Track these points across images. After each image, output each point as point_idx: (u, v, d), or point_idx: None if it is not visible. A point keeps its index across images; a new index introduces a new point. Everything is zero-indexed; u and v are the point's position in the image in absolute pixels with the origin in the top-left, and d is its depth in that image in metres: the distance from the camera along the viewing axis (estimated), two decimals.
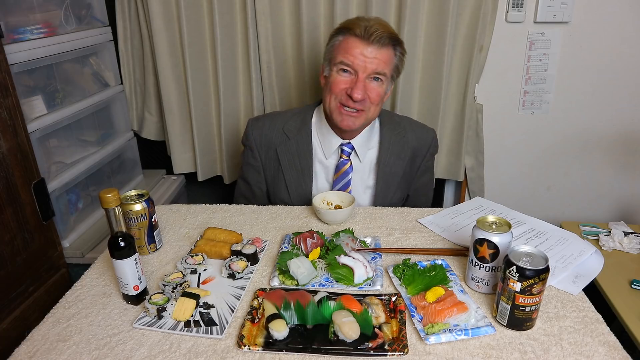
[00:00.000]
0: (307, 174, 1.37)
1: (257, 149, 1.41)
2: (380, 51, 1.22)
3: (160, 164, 2.18)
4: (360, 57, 1.22)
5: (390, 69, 1.26)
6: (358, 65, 1.22)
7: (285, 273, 0.99)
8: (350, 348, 0.80)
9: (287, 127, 1.39)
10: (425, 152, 1.45)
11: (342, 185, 1.38)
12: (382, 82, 1.27)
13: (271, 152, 1.39)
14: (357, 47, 1.22)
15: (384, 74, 1.25)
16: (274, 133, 1.39)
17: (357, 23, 1.23)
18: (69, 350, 0.82)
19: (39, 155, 1.38)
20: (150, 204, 1.08)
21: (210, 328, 0.85)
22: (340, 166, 1.38)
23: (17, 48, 1.33)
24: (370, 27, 1.20)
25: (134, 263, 0.91)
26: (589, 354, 0.79)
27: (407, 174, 1.43)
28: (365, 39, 1.21)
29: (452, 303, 0.87)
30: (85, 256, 1.53)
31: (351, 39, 1.23)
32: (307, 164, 1.37)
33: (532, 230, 1.17)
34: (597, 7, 1.73)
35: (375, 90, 1.26)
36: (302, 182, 1.38)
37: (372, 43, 1.20)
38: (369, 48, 1.21)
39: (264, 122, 1.42)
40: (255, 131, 1.40)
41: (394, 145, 1.39)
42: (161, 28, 1.77)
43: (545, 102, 1.90)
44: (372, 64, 1.22)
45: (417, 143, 1.43)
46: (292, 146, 1.38)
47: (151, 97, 1.97)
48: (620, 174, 1.98)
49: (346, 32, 1.24)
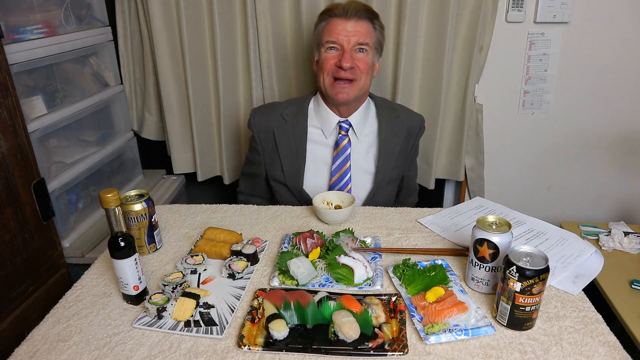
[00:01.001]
0: (301, 154, 1.46)
1: (257, 133, 1.51)
2: (359, 24, 1.35)
3: (160, 164, 2.18)
4: (343, 33, 1.35)
5: (372, 40, 1.39)
6: (342, 40, 1.35)
7: (285, 273, 0.99)
8: (350, 348, 0.80)
9: (285, 112, 1.50)
10: (417, 132, 1.56)
11: (342, 161, 1.44)
12: (367, 52, 1.38)
13: (269, 135, 1.50)
14: (338, 25, 1.36)
15: (367, 43, 1.37)
16: (273, 118, 1.50)
17: (336, 5, 1.38)
18: (69, 350, 0.82)
19: (39, 155, 1.38)
20: (150, 204, 1.08)
21: (210, 328, 0.85)
22: (339, 141, 1.45)
23: (17, 48, 1.33)
24: (347, 6, 1.36)
25: (134, 263, 0.91)
26: (589, 354, 0.79)
27: (404, 151, 1.53)
28: (343, 16, 1.35)
29: (452, 303, 0.87)
30: (85, 256, 1.53)
31: (332, 20, 1.37)
32: (301, 145, 1.47)
33: (532, 230, 1.17)
34: (597, 7, 1.73)
35: (363, 60, 1.37)
36: (295, 161, 1.46)
37: (350, 18, 1.35)
38: (349, 23, 1.35)
39: (265, 109, 1.55)
40: (257, 117, 1.51)
41: (390, 124, 1.50)
42: (161, 28, 1.77)
43: (545, 102, 1.90)
44: (355, 36, 1.35)
45: (409, 123, 1.54)
46: (288, 128, 1.48)
47: (151, 97, 1.97)
48: (620, 174, 1.98)
49: (327, 15, 1.39)
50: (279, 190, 1.50)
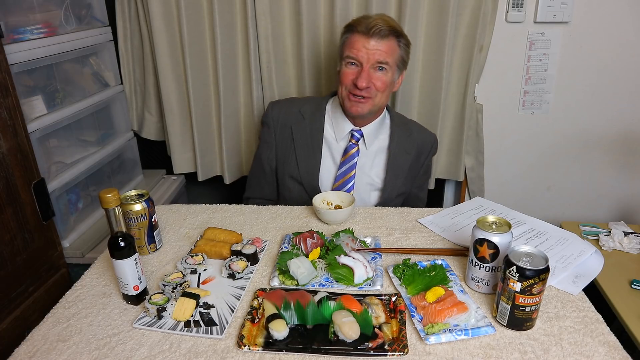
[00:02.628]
0: (317, 151, 1.48)
1: (274, 127, 1.51)
2: (381, 43, 1.32)
3: (160, 164, 2.18)
4: (363, 50, 1.33)
5: (393, 58, 1.36)
6: (362, 57, 1.33)
7: (285, 273, 0.99)
8: (350, 348, 0.80)
9: (303, 109, 1.51)
10: (428, 151, 1.55)
11: (348, 168, 1.45)
12: (387, 70, 1.36)
13: (286, 130, 1.50)
14: (359, 42, 1.33)
15: (387, 62, 1.34)
16: (292, 113, 1.51)
17: (361, 21, 1.35)
18: (69, 350, 0.82)
19: (39, 155, 1.38)
20: (150, 204, 1.08)
21: (210, 328, 0.85)
22: (349, 149, 1.46)
23: (17, 48, 1.33)
24: (372, 22, 1.32)
25: (134, 263, 0.91)
26: (589, 354, 0.79)
27: (413, 169, 1.52)
28: (366, 33, 1.32)
29: (452, 303, 0.87)
30: (85, 256, 1.53)
31: (355, 35, 1.35)
32: (317, 143, 1.48)
33: (532, 230, 1.17)
34: (597, 7, 1.73)
35: (380, 79, 1.36)
36: (311, 158, 1.47)
37: (372, 36, 1.32)
38: (371, 41, 1.32)
39: (283, 104, 1.55)
40: (275, 110, 1.52)
41: (402, 140, 1.49)
42: (161, 28, 1.77)
43: (545, 102, 1.90)
44: (374, 55, 1.33)
45: (421, 142, 1.53)
46: (306, 126, 1.49)
47: (151, 97, 1.97)
48: (620, 174, 1.98)
49: (351, 29, 1.37)
50: (291, 186, 1.50)
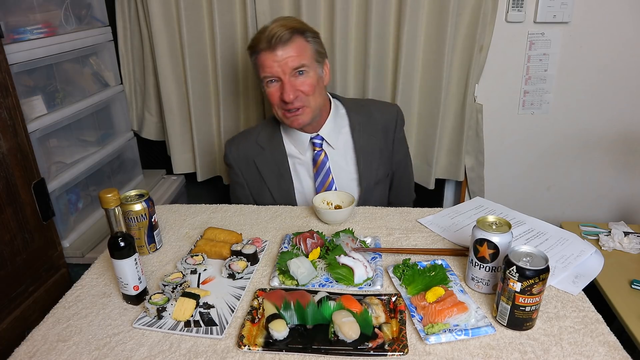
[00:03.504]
0: (287, 177, 1.43)
1: (237, 167, 1.47)
2: (287, 49, 1.26)
3: (160, 164, 2.18)
4: (274, 65, 1.27)
5: (307, 57, 1.30)
6: (277, 72, 1.27)
7: (285, 273, 0.99)
8: (350, 348, 0.80)
9: (259, 139, 1.46)
10: (394, 125, 1.49)
11: (323, 176, 1.42)
12: (307, 72, 1.30)
13: (250, 165, 1.46)
14: (268, 58, 1.27)
15: (303, 65, 1.28)
16: (249, 147, 1.46)
17: (259, 37, 1.28)
18: (69, 350, 0.82)
19: (39, 155, 1.38)
20: (150, 204, 1.08)
21: (210, 328, 0.85)
22: (316, 158, 1.42)
23: (17, 48, 1.33)
24: (269, 34, 1.25)
25: (134, 263, 0.91)
26: (589, 354, 0.79)
27: (384, 149, 1.48)
28: (269, 47, 1.26)
29: (452, 303, 0.87)
30: (85, 256, 1.53)
31: (261, 54, 1.29)
32: (284, 167, 1.43)
33: (532, 230, 1.17)
34: (597, 7, 1.73)
35: (305, 83, 1.30)
36: (283, 184, 1.44)
37: (276, 47, 1.25)
38: (278, 52, 1.26)
39: (239, 140, 1.49)
40: (233, 150, 1.47)
41: (363, 125, 1.45)
42: (161, 28, 1.77)
43: (545, 102, 1.90)
44: (287, 63, 1.27)
45: (384, 120, 1.48)
46: (267, 155, 1.44)
47: (151, 97, 1.97)
48: (620, 174, 1.98)
49: (255, 50, 1.31)
50: None
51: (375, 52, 1.73)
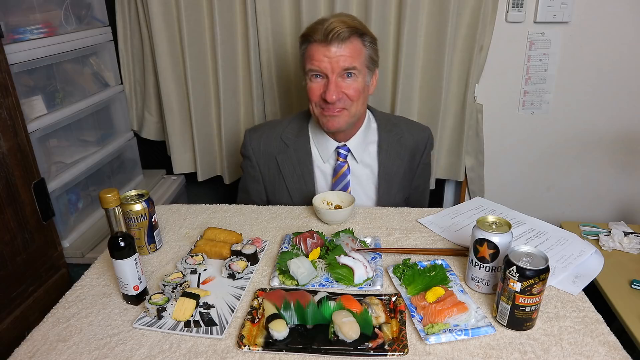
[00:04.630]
0: (309, 178, 1.38)
1: (256, 159, 1.41)
2: (343, 47, 1.20)
3: (160, 164, 2.18)
4: (325, 60, 1.21)
5: (360, 61, 1.24)
6: (325, 68, 1.22)
7: (285, 273, 0.99)
8: (350, 348, 0.80)
9: (284, 134, 1.40)
10: (422, 150, 1.45)
11: (341, 188, 1.38)
12: (356, 76, 1.25)
13: (271, 161, 1.40)
14: (319, 51, 1.21)
15: (354, 67, 1.23)
16: (273, 142, 1.39)
17: (316, 28, 1.22)
18: (69, 350, 0.82)
19: (39, 155, 1.38)
20: (150, 204, 1.08)
21: (210, 328, 0.85)
22: (338, 169, 1.37)
23: (17, 48, 1.33)
24: (328, 27, 1.19)
25: (134, 263, 0.91)
26: (589, 354, 0.79)
27: (407, 172, 1.43)
28: (324, 40, 1.20)
29: (452, 303, 0.87)
30: (85, 256, 1.53)
31: (313, 45, 1.22)
32: (307, 169, 1.38)
33: (532, 230, 1.17)
34: (597, 7, 1.73)
35: (351, 87, 1.24)
36: (303, 186, 1.39)
37: (332, 42, 1.19)
38: (332, 48, 1.20)
39: (262, 132, 1.42)
40: (254, 141, 1.41)
41: (392, 146, 1.40)
42: (161, 28, 1.77)
43: (545, 102, 1.90)
44: (339, 62, 1.21)
45: (414, 142, 1.43)
46: (291, 153, 1.38)
47: (151, 97, 1.97)
48: (620, 174, 1.98)
49: (308, 39, 1.24)
50: None
51: None
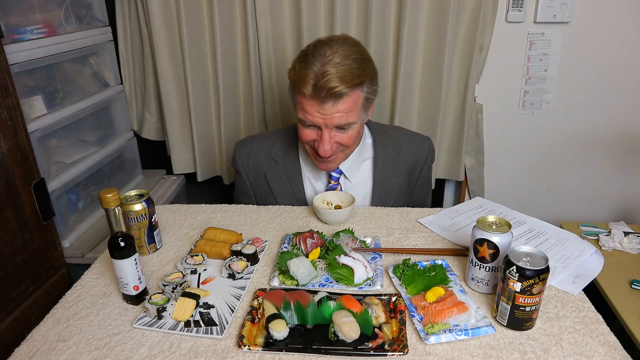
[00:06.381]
0: (301, 197, 1.35)
1: (246, 174, 1.39)
2: (338, 105, 1.09)
3: (160, 164, 2.18)
4: (318, 115, 1.11)
5: (357, 112, 1.13)
6: (319, 123, 1.13)
7: (285, 273, 0.99)
8: (350, 348, 0.80)
9: (273, 150, 1.35)
10: (422, 164, 1.39)
11: None
12: (352, 127, 1.16)
13: (261, 177, 1.37)
14: (311, 106, 1.10)
15: (350, 122, 1.13)
16: (261, 157, 1.35)
17: (306, 77, 1.07)
18: (69, 350, 0.82)
19: (39, 155, 1.38)
20: (150, 204, 1.07)
21: (210, 328, 0.85)
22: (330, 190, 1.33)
23: (17, 48, 1.33)
24: (320, 83, 1.05)
25: (134, 263, 0.91)
26: (589, 354, 0.79)
27: (405, 188, 1.38)
28: (317, 98, 1.07)
29: (452, 303, 0.87)
30: (85, 256, 1.53)
31: (304, 98, 1.10)
32: (297, 187, 1.33)
33: (532, 230, 1.17)
34: (597, 7, 1.74)
35: (346, 136, 1.16)
36: (295, 203, 1.35)
37: (325, 100, 1.07)
38: (325, 105, 1.08)
39: (251, 146, 1.37)
40: (243, 157, 1.37)
41: (388, 162, 1.33)
42: (161, 28, 1.77)
43: (545, 102, 1.90)
44: (334, 119, 1.11)
45: (413, 157, 1.36)
46: (280, 170, 1.34)
47: (151, 97, 1.98)
48: (620, 174, 1.98)
49: (297, 88, 1.11)
50: None
51: (375, 53, 1.73)
